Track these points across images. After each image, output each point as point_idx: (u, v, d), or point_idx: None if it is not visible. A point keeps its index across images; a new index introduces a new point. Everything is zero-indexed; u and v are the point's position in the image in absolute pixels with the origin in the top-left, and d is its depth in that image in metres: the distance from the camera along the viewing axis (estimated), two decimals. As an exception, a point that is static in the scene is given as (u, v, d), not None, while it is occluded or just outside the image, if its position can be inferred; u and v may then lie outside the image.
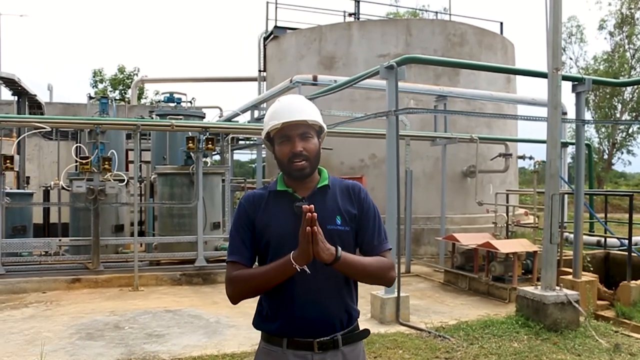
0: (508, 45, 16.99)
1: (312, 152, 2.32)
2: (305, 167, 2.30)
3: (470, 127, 14.03)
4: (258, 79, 20.31)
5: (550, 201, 6.95)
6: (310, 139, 2.33)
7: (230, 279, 2.31)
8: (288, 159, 2.30)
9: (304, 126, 2.32)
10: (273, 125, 2.33)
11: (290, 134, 2.31)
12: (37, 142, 16.72)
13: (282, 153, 2.32)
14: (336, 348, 2.30)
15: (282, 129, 2.32)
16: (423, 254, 13.56)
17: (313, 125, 2.35)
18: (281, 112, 2.34)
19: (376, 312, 7.42)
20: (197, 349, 6.23)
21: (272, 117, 2.36)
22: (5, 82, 12.02)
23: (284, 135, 2.32)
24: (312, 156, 2.32)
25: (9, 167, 9.36)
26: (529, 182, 22.96)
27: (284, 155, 2.32)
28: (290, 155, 2.29)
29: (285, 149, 2.31)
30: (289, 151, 2.30)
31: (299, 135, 2.30)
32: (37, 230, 11.89)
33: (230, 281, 2.31)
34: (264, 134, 2.42)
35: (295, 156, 2.29)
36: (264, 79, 19.52)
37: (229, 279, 2.32)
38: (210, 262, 10.46)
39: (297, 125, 2.31)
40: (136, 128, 9.82)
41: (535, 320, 6.86)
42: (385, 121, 7.89)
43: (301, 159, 2.29)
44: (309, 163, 2.31)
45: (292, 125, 2.30)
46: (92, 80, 35.20)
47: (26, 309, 8.10)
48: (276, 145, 2.36)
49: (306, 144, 2.31)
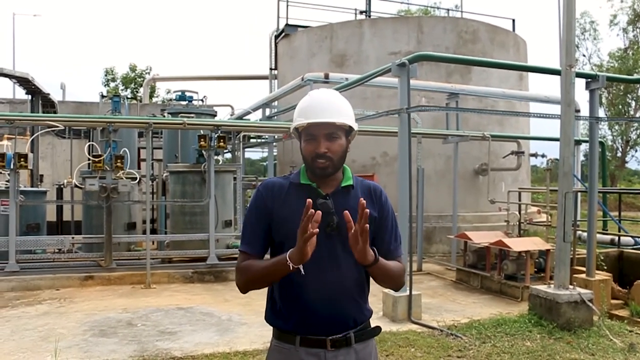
0: (520, 42, 16.87)
1: (337, 153, 2.27)
2: (327, 167, 2.26)
3: (482, 125, 13.95)
4: (269, 77, 20.31)
5: (563, 199, 6.90)
6: (337, 139, 2.27)
7: (238, 268, 2.33)
8: (312, 157, 2.26)
9: (332, 126, 2.25)
10: (299, 123, 2.29)
11: (316, 134, 2.25)
12: (50, 141, 16.83)
13: (307, 151, 2.28)
14: (349, 346, 2.29)
15: (309, 128, 2.27)
16: (435, 252, 13.52)
17: (341, 126, 2.29)
18: (309, 110, 2.28)
19: (388, 310, 7.41)
20: (209, 346, 6.25)
21: (301, 113, 2.31)
22: (19, 81, 12.11)
23: (310, 134, 2.27)
24: (336, 157, 2.27)
25: (23, 165, 9.43)
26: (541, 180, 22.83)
27: (308, 154, 2.27)
28: (314, 155, 2.25)
29: (309, 148, 2.27)
30: (312, 151, 2.25)
31: (324, 135, 2.25)
32: (51, 228, 11.98)
33: (238, 270, 2.33)
34: (292, 127, 2.37)
35: (319, 156, 2.24)
36: (275, 77, 19.52)
37: (237, 268, 2.34)
38: (222, 260, 10.49)
39: (324, 125, 2.25)
40: (148, 126, 9.86)
41: (548, 319, 6.81)
42: (397, 119, 7.88)
43: (324, 160, 2.24)
44: (332, 163, 2.26)
45: (318, 125, 2.25)
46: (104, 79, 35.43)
47: (40, 306, 8.17)
48: (302, 141, 2.31)
49: (331, 145, 2.25)
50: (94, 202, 10.39)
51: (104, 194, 9.76)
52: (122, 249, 10.79)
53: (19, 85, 12.47)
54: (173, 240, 10.98)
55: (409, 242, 7.56)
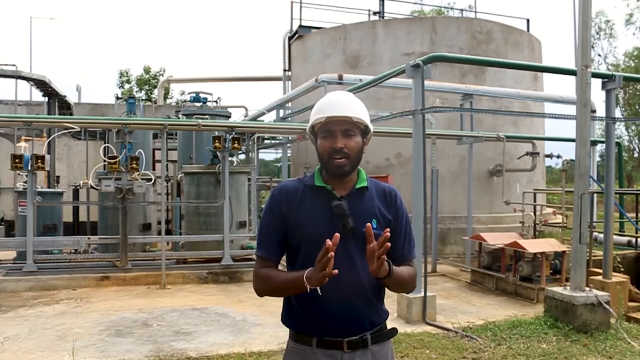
0: (535, 42, 16.77)
1: (353, 151, 2.28)
2: (344, 164, 2.27)
3: (497, 126, 13.88)
4: (283, 79, 20.37)
5: (579, 200, 6.85)
6: (353, 136, 2.29)
7: (256, 274, 2.35)
8: (328, 154, 2.27)
9: (348, 123, 2.28)
10: (317, 119, 2.31)
11: (333, 130, 2.27)
12: (66, 142, 16.98)
13: (323, 148, 2.29)
14: (365, 347, 2.30)
15: (326, 124, 2.29)
16: (449, 254, 13.47)
17: (358, 124, 2.30)
18: (327, 107, 2.31)
19: (403, 312, 7.40)
20: (224, 347, 6.28)
21: (318, 111, 2.33)
22: (36, 84, 12.24)
23: (327, 130, 2.29)
24: (352, 155, 2.28)
25: (40, 167, 9.54)
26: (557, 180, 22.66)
27: (325, 150, 2.28)
28: (331, 151, 2.26)
29: (326, 144, 2.28)
30: (329, 146, 2.27)
31: (341, 131, 2.27)
32: (67, 229, 12.09)
33: (256, 277, 2.36)
34: (309, 127, 2.39)
35: (336, 152, 2.25)
36: (288, 78, 19.57)
37: (255, 274, 2.36)
38: (236, 261, 10.53)
39: (341, 122, 2.27)
40: (163, 128, 9.92)
41: (564, 322, 6.77)
42: (411, 120, 7.86)
43: (341, 156, 2.25)
44: (349, 161, 2.27)
45: (336, 120, 2.27)
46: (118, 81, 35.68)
47: (57, 306, 8.25)
48: (319, 139, 2.33)
49: (348, 142, 2.27)
50: (110, 203, 10.47)
51: (120, 195, 9.83)
52: (138, 249, 10.86)
53: (36, 87, 12.60)
54: (188, 241, 11.03)
55: (423, 243, 7.54)
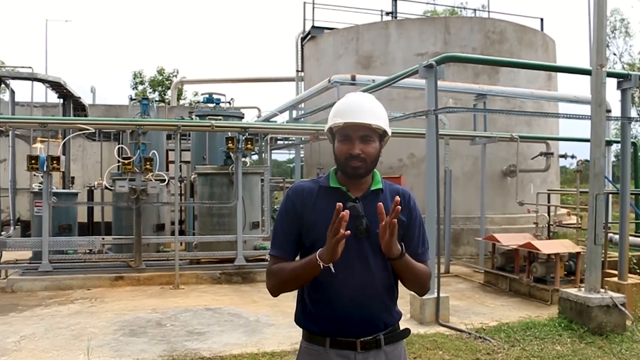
0: (549, 41, 16.65)
1: (370, 156, 2.29)
2: (360, 167, 2.28)
3: (510, 126, 13.80)
4: (296, 79, 20.38)
5: (594, 201, 6.80)
6: (371, 142, 2.29)
7: (268, 271, 2.36)
8: (345, 158, 2.28)
9: (366, 129, 2.27)
10: (335, 123, 2.30)
11: (351, 135, 2.27)
12: (80, 143, 17.11)
13: (340, 151, 2.30)
14: (378, 348, 2.30)
15: (344, 128, 2.29)
16: (462, 254, 13.41)
17: (376, 129, 2.30)
18: (346, 111, 2.30)
19: (415, 313, 7.38)
20: (237, 347, 6.30)
21: (337, 113, 2.33)
22: (52, 86, 12.34)
23: (345, 135, 2.29)
24: (369, 160, 2.29)
25: (56, 168, 9.62)
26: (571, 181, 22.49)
27: (341, 155, 2.29)
28: (347, 156, 2.27)
29: (343, 149, 2.29)
30: (346, 151, 2.27)
31: (359, 137, 2.27)
32: (82, 229, 12.17)
33: (268, 274, 2.36)
34: (327, 127, 2.39)
35: (352, 158, 2.26)
36: (301, 79, 19.59)
37: (268, 272, 2.36)
38: (249, 261, 10.56)
39: (360, 127, 2.26)
40: (177, 129, 9.97)
41: (579, 323, 6.72)
42: (424, 120, 7.84)
43: (358, 161, 2.26)
44: (365, 165, 2.28)
45: (354, 126, 2.27)
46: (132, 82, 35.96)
47: (72, 305, 8.33)
48: (336, 142, 2.33)
49: (365, 147, 2.27)
50: (124, 204, 10.55)
51: (134, 195, 9.90)
52: (151, 250, 10.92)
53: (51, 89, 12.71)
54: (201, 241, 11.07)
55: (436, 244, 7.53)
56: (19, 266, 10.17)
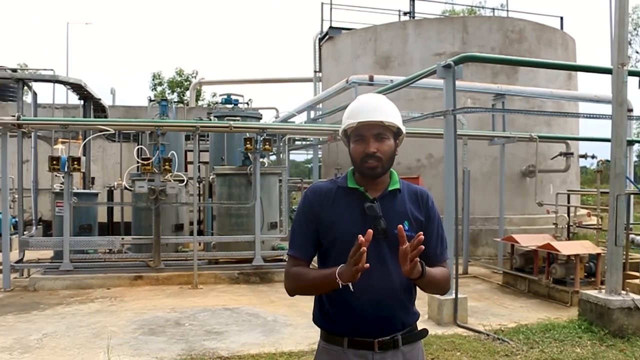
0: (569, 40, 16.48)
1: (386, 154, 2.30)
2: (376, 167, 2.28)
3: (529, 126, 13.69)
4: (314, 80, 20.41)
5: (615, 202, 6.72)
6: (386, 140, 2.30)
7: (287, 273, 2.37)
8: (360, 158, 2.29)
9: (380, 127, 2.29)
10: (349, 124, 2.32)
11: (365, 134, 2.29)
12: (100, 144, 17.30)
13: (356, 152, 2.31)
14: (396, 348, 2.30)
15: (358, 128, 2.30)
16: (481, 255, 13.33)
17: (390, 127, 2.31)
18: (359, 111, 2.32)
19: (433, 314, 7.36)
20: (255, 346, 6.33)
21: (350, 115, 2.35)
22: (72, 87, 12.48)
23: (359, 135, 2.30)
24: (385, 158, 2.29)
25: (77, 168, 9.74)
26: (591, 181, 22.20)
27: (357, 155, 2.30)
28: (363, 156, 2.28)
29: (359, 149, 2.30)
30: (362, 151, 2.28)
31: (373, 135, 2.28)
32: (102, 229, 12.31)
33: (287, 276, 2.37)
34: (341, 130, 2.41)
35: (368, 157, 2.27)
36: (319, 79, 19.61)
37: (286, 273, 2.38)
38: (267, 262, 10.60)
39: (373, 126, 2.28)
40: (195, 129, 10.04)
41: (599, 326, 6.64)
42: (442, 120, 7.81)
43: (373, 160, 2.27)
44: (381, 164, 2.29)
45: (368, 125, 2.28)
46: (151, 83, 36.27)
47: (92, 304, 8.43)
48: (351, 143, 2.35)
49: (380, 145, 2.28)
50: (143, 204, 10.65)
51: (153, 196, 9.98)
52: (170, 250, 11.01)
53: (72, 91, 12.86)
54: (219, 241, 11.14)
55: (454, 245, 7.50)
56: (41, 265, 10.34)
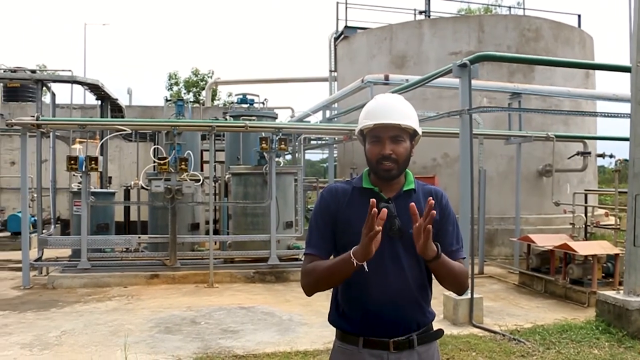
0: (586, 38, 16.32)
1: (402, 156, 2.30)
2: (392, 168, 2.29)
3: (546, 125, 13.58)
4: (329, 79, 20.42)
5: (633, 201, 6.65)
6: (402, 142, 2.30)
7: (303, 270, 2.38)
8: (376, 160, 2.29)
9: (396, 129, 2.29)
10: (365, 125, 2.32)
11: (382, 136, 2.29)
12: (117, 144, 17.44)
13: (372, 153, 2.32)
14: (411, 348, 2.31)
15: (374, 130, 2.30)
16: (497, 255, 13.26)
17: (406, 129, 2.32)
18: (375, 112, 2.32)
19: (449, 313, 7.34)
20: (271, 345, 6.36)
21: (367, 116, 2.35)
22: (90, 88, 12.62)
23: (375, 136, 2.31)
24: (400, 160, 2.30)
25: (94, 168, 9.83)
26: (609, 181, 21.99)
27: (373, 156, 2.31)
28: (379, 157, 2.28)
29: (375, 150, 2.30)
30: (378, 152, 2.29)
31: (390, 137, 2.28)
32: (119, 228, 12.41)
33: (303, 273, 2.38)
34: (357, 130, 2.41)
35: (384, 159, 2.27)
36: (334, 79, 19.61)
37: (302, 271, 2.38)
38: (282, 261, 10.63)
39: (389, 128, 2.28)
40: (211, 129, 10.09)
41: (618, 327, 6.58)
42: (458, 119, 7.79)
43: (389, 162, 2.27)
44: (397, 166, 2.29)
45: (384, 126, 2.28)
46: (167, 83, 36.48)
47: (110, 302, 8.52)
48: (367, 143, 2.35)
49: (396, 147, 2.28)
50: (160, 203, 10.72)
51: (169, 195, 10.05)
52: (186, 248, 11.08)
53: (90, 91, 13.00)
54: (235, 240, 11.18)
55: (470, 245, 7.47)
56: (59, 263, 10.46)
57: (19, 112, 17.21)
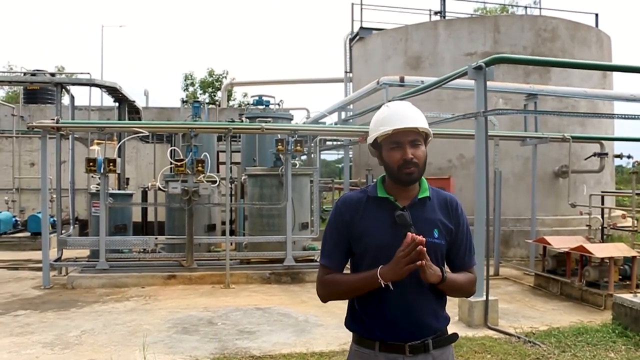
0: (604, 38, 16.19)
1: (421, 160, 2.34)
2: (414, 172, 2.32)
3: (563, 126, 13.52)
4: (344, 80, 20.42)
5: (650, 204, 6.62)
6: (420, 146, 2.35)
7: (321, 281, 2.43)
8: (398, 166, 2.32)
9: (414, 133, 2.33)
10: (383, 132, 2.35)
11: (401, 141, 2.32)
12: (134, 145, 17.62)
13: (393, 159, 2.34)
14: (427, 352, 2.35)
15: (393, 135, 2.33)
16: (512, 257, 13.21)
17: (422, 133, 2.37)
18: (392, 119, 2.35)
19: (464, 316, 7.35)
20: (287, 346, 6.42)
21: (382, 123, 2.38)
22: (108, 90, 12.75)
23: (395, 142, 2.34)
24: (420, 163, 2.34)
25: (112, 170, 9.96)
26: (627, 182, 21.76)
27: (395, 162, 2.33)
28: (402, 163, 2.31)
29: (396, 156, 2.33)
30: (400, 158, 2.32)
31: (409, 142, 2.32)
32: (136, 229, 12.53)
33: (321, 284, 2.43)
34: (370, 139, 2.44)
35: (407, 163, 2.30)
36: (350, 80, 19.62)
37: (320, 281, 2.44)
38: (298, 262, 10.69)
39: (408, 132, 2.32)
40: (227, 131, 10.17)
41: (635, 330, 6.55)
42: (473, 121, 7.79)
43: (412, 166, 2.31)
44: (418, 169, 2.33)
45: (402, 132, 2.32)
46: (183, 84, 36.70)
47: (128, 302, 8.64)
48: (385, 150, 2.38)
49: (416, 151, 2.32)
50: (176, 205, 10.83)
51: (186, 196, 10.16)
52: (203, 249, 11.18)
53: (107, 94, 13.15)
54: (251, 241, 11.25)
55: (485, 246, 7.47)
56: (78, 264, 10.62)
57: (39, 114, 17.49)
